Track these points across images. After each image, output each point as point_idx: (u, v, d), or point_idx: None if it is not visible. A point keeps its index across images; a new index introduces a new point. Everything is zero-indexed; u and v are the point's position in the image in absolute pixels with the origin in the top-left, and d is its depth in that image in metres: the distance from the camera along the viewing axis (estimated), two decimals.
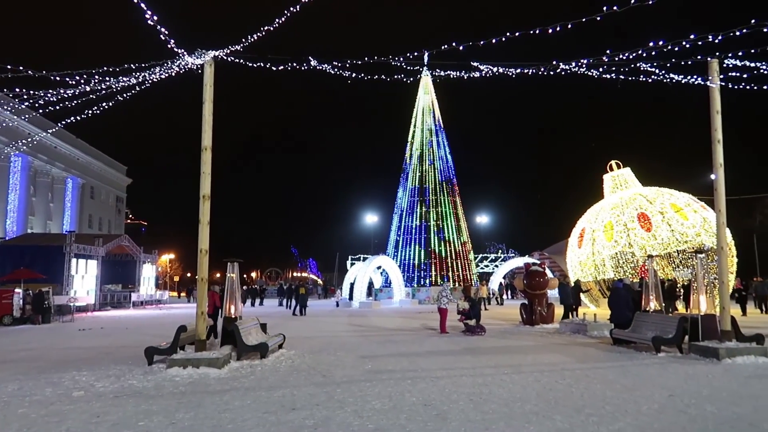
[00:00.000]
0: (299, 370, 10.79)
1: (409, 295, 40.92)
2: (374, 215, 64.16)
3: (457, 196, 47.07)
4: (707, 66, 12.43)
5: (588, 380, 9.58)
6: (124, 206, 77.07)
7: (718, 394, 8.43)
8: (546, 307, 20.31)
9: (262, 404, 7.96)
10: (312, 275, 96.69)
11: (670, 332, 12.72)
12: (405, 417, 7.18)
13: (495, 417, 7.13)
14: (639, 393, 8.50)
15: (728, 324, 12.16)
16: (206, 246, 11.67)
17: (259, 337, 13.02)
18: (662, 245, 28.02)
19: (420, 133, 47.13)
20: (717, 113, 12.60)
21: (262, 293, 42.29)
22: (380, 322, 22.84)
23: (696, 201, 29.00)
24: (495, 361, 11.78)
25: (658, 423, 6.80)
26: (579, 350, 13.58)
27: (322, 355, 12.79)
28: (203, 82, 11.88)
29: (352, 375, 10.25)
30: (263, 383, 9.53)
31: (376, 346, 14.68)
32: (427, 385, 9.16)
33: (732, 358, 11.30)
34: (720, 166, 12.59)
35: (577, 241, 32.22)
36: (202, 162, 11.80)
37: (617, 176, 32.20)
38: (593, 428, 6.61)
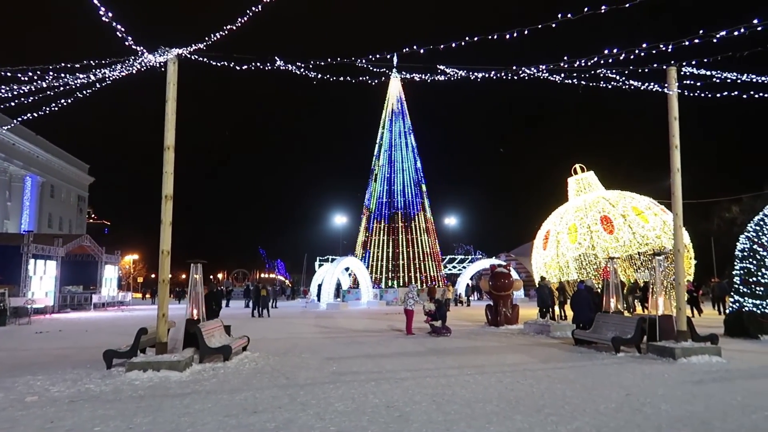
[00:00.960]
0: (263, 373, 10.69)
1: (376, 296, 40.94)
2: (343, 216, 64.11)
3: (425, 197, 47.31)
4: (666, 73, 12.79)
5: (549, 380, 9.74)
6: (86, 205, 75.19)
7: (672, 392, 8.66)
8: (511, 308, 20.56)
9: (224, 407, 7.86)
10: (280, 276, 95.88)
11: (629, 333, 13.03)
12: (367, 419, 7.18)
13: (457, 418, 7.18)
14: (597, 392, 8.68)
15: (684, 324, 12.51)
16: (168, 247, 11.47)
17: (222, 339, 12.85)
18: (624, 247, 28.67)
19: (389, 134, 47.24)
20: (675, 119, 12.96)
21: (228, 295, 41.46)
22: (347, 324, 22.80)
23: (656, 204, 29.76)
24: (459, 362, 11.87)
25: (614, 422, 6.95)
26: (542, 351, 13.79)
27: (287, 357, 12.70)
28: (166, 81, 11.68)
29: (316, 377, 10.20)
30: (225, 386, 9.40)
31: (341, 347, 14.65)
32: (390, 387, 9.18)
33: (687, 358, 11.63)
34: (677, 171, 12.94)
35: (542, 243, 32.72)
36: (165, 161, 11.59)
37: (581, 179, 32.83)
38: (552, 428, 6.72)
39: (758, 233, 16.77)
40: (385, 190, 46.20)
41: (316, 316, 28.01)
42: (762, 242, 16.59)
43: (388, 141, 47.11)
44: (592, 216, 29.86)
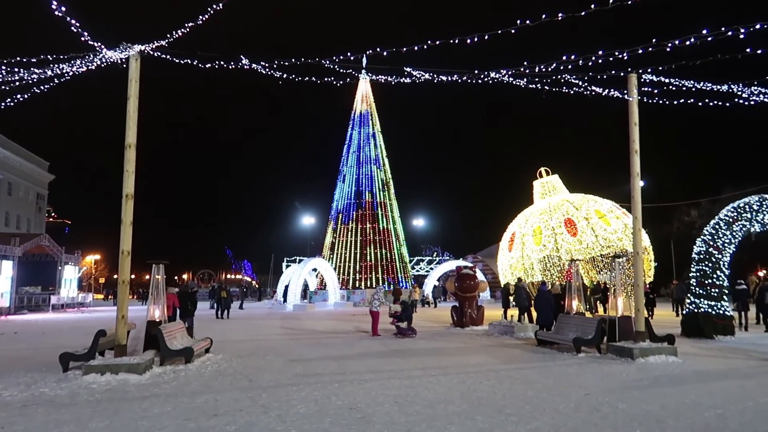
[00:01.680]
0: (225, 375, 10.56)
1: (344, 297, 40.86)
2: (311, 217, 63.79)
3: (393, 198, 47.42)
4: (626, 80, 13.10)
5: (511, 381, 9.86)
6: (46, 204, 73.06)
7: (629, 392, 8.87)
8: (476, 309, 20.75)
9: (183, 411, 7.72)
10: (247, 277, 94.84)
11: (589, 333, 13.29)
12: (329, 421, 7.15)
13: (418, 419, 7.21)
14: (558, 392, 8.82)
15: (642, 325, 12.82)
16: (129, 247, 11.23)
17: (184, 341, 12.64)
18: (587, 249, 29.28)
19: (357, 135, 47.21)
20: (635, 125, 13.28)
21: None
22: (313, 325, 22.68)
23: (618, 208, 30.48)
24: (423, 363, 11.92)
25: (572, 421, 7.08)
26: (505, 351, 13.95)
27: (251, 359, 12.56)
28: (128, 77, 11.45)
29: (279, 379, 10.11)
30: (186, 389, 9.25)
31: (306, 349, 14.56)
32: (354, 388, 9.17)
33: (645, 358, 11.91)
34: (637, 175, 13.26)
35: (507, 245, 33.17)
36: (126, 160, 11.36)
37: (546, 183, 33.40)
38: (512, 428, 6.81)
39: (713, 237, 17.30)
40: (353, 191, 46.14)
41: (282, 318, 27.81)
42: (717, 245, 17.12)
43: (356, 142, 47.08)
44: (557, 219, 30.41)
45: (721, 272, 16.96)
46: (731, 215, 17.50)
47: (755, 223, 17.50)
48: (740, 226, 17.37)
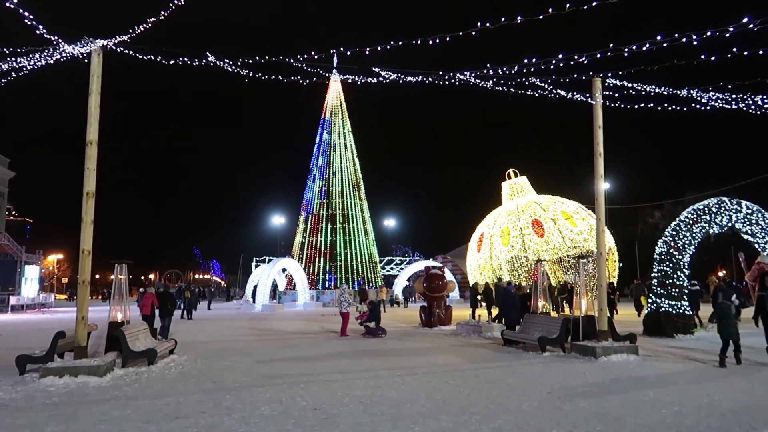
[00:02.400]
0: (189, 377, 10.40)
1: (313, 297, 40.67)
2: (281, 217, 63.31)
3: (363, 199, 47.41)
4: (591, 83, 13.34)
5: (476, 380, 9.94)
6: (6, 202, 70.89)
7: (591, 390, 9.03)
8: (444, 309, 20.88)
9: (144, 413, 7.58)
10: (215, 277, 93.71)
11: (554, 333, 13.48)
12: (293, 422, 7.10)
13: (383, 419, 7.22)
14: (521, 391, 8.93)
15: (605, 324, 13.06)
16: (89, 246, 10.98)
17: (147, 342, 12.41)
18: (554, 250, 29.73)
19: (328, 135, 47.06)
20: (599, 128, 13.53)
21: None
22: (281, 326, 22.52)
23: (584, 209, 31.01)
24: (390, 363, 11.94)
25: (534, 419, 7.17)
26: (472, 351, 14.07)
27: (216, 361, 12.40)
28: (90, 73, 11.19)
29: (245, 380, 10.01)
30: (148, 391, 9.08)
31: (273, 350, 14.44)
32: (320, 389, 9.13)
33: (607, 356, 12.14)
34: (600, 177, 13.52)
35: (476, 246, 33.46)
36: (87, 157, 11.09)
37: (514, 184, 33.79)
38: (475, 427, 6.86)
39: (674, 238, 17.74)
40: (323, 191, 45.98)
41: (250, 318, 27.55)
42: (678, 246, 17.56)
43: (326, 142, 46.93)
44: (524, 219, 30.80)
45: (682, 272, 17.40)
46: (691, 217, 17.96)
47: (714, 225, 18.00)
48: (700, 228, 17.84)
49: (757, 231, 18.53)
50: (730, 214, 18.22)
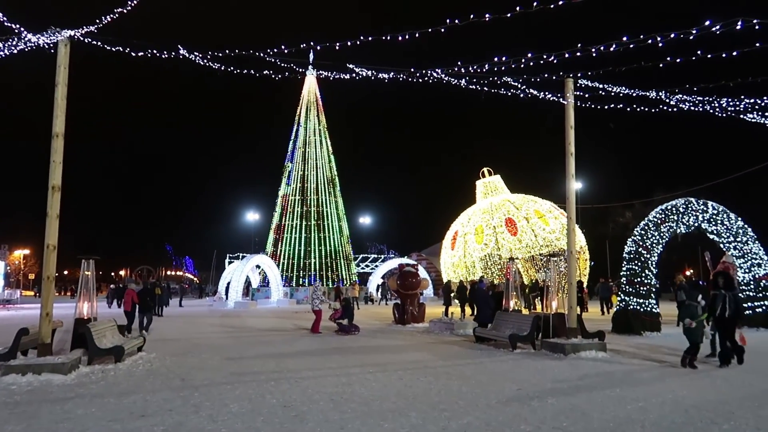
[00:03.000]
0: (156, 374, 10.24)
1: (287, 294, 40.42)
2: (255, 213, 62.75)
3: (338, 196, 47.28)
4: (563, 84, 13.49)
5: (447, 377, 9.99)
6: None
7: (560, 386, 9.15)
8: (417, 306, 20.94)
9: (109, 412, 7.44)
10: (188, 274, 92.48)
11: (525, 330, 13.62)
12: (262, 419, 7.04)
13: (353, 416, 7.20)
14: (491, 388, 9.00)
15: (575, 322, 13.25)
16: (54, 241, 10.73)
17: (115, 339, 12.19)
18: (527, 248, 30.05)
19: (303, 131, 46.80)
20: (571, 128, 13.70)
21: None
22: (254, 323, 22.34)
23: (557, 208, 31.39)
24: (362, 361, 11.93)
25: (503, 416, 7.23)
26: (444, 348, 14.14)
27: (185, 358, 12.24)
28: (57, 63, 10.92)
29: (214, 378, 9.89)
30: (114, 389, 8.92)
31: (244, 347, 14.31)
32: (290, 386, 9.07)
33: (576, 353, 12.33)
34: (572, 177, 13.69)
35: (450, 243, 33.64)
36: (53, 150, 10.84)
37: (488, 183, 34.04)
38: (444, 423, 6.89)
39: (643, 237, 18.07)
40: (298, 187, 45.73)
41: (222, 315, 27.26)
42: (646, 245, 17.89)
43: (302, 138, 46.67)
44: (498, 218, 31.05)
45: (650, 271, 17.74)
46: (659, 217, 18.33)
47: (681, 225, 18.40)
48: (667, 228, 18.22)
49: (722, 231, 19.01)
50: (696, 214, 18.65)
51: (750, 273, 18.99)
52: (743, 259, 19.08)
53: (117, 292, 36.42)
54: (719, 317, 11.09)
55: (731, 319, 11.01)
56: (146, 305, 17.25)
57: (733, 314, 11.02)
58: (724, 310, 11.01)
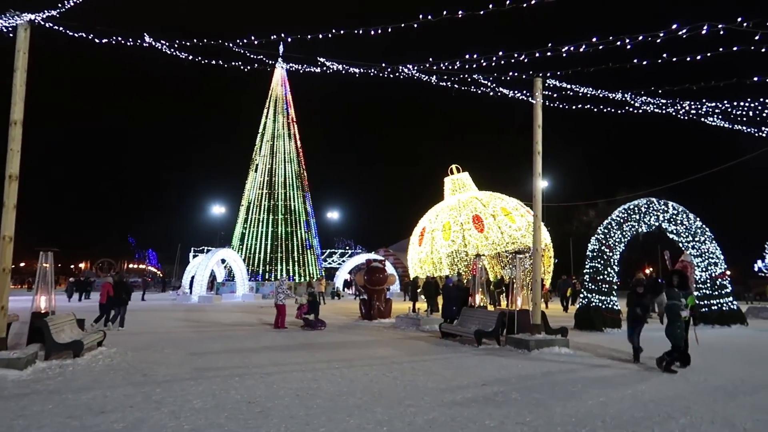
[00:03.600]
0: (117, 370, 10.01)
1: (252, 289, 40.01)
2: (221, 206, 61.91)
3: (306, 190, 46.98)
4: (532, 83, 13.65)
5: (413, 373, 10.03)
6: None
7: (524, 381, 9.28)
8: (384, 302, 20.98)
9: (67, 408, 7.23)
10: (151, 267, 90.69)
11: (490, 326, 13.79)
12: (226, 415, 6.95)
13: (318, 412, 7.17)
14: (457, 383, 9.08)
15: (539, 318, 13.46)
16: (11, 233, 10.37)
17: (74, 334, 11.86)
18: (493, 245, 30.36)
19: (272, 124, 46.32)
20: (538, 127, 13.87)
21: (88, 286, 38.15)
22: (218, 317, 22.03)
23: (523, 206, 31.81)
24: (328, 356, 11.89)
25: (468, 411, 7.30)
26: (410, 344, 14.20)
27: (147, 353, 11.99)
28: (16, 48, 10.53)
29: (177, 373, 9.72)
30: (72, 385, 8.68)
31: (208, 342, 14.10)
32: (255, 382, 8.98)
33: (540, 349, 12.53)
34: (538, 175, 13.88)
35: (418, 240, 33.77)
36: (11, 138, 10.46)
37: (456, 180, 34.27)
38: (410, 419, 6.92)
39: (606, 236, 18.46)
40: (265, 181, 45.27)
41: (186, 310, 26.81)
42: (609, 244, 18.28)
43: (270, 131, 46.18)
44: (465, 215, 31.29)
45: (612, 269, 18.14)
46: (622, 216, 18.75)
47: (643, 224, 18.87)
48: (630, 227, 18.66)
49: (681, 231, 19.56)
50: (657, 214, 19.15)
51: (707, 272, 19.60)
52: (701, 258, 19.68)
53: (78, 285, 35.52)
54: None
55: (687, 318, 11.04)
56: (120, 298, 17.12)
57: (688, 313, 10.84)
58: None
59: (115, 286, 17.10)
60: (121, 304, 17.14)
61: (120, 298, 17.08)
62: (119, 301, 17.09)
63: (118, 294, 17.03)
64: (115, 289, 17.01)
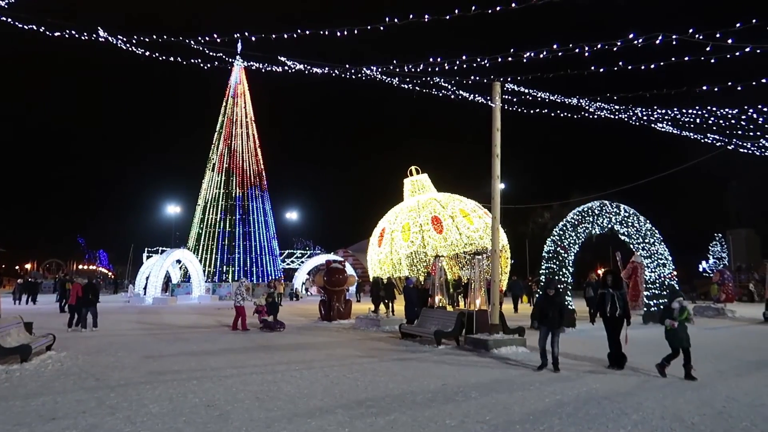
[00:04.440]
0: (68, 374, 9.68)
1: (209, 290, 39.30)
2: (176, 206, 60.55)
3: (265, 190, 46.45)
4: (491, 87, 13.87)
5: (374, 373, 10.05)
6: None
7: (483, 381, 9.41)
8: (344, 303, 20.94)
9: (14, 415, 6.96)
10: (102, 268, 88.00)
11: (449, 326, 13.93)
12: (184, 420, 6.81)
13: (279, 414, 7.10)
14: (417, 383, 9.13)
15: (497, 318, 13.67)
16: None
17: (20, 338, 11.41)
18: (451, 246, 30.67)
19: (229, 123, 45.60)
20: (497, 130, 14.09)
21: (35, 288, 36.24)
22: (174, 319, 21.55)
23: (481, 208, 32.25)
24: (288, 358, 11.79)
25: (429, 411, 7.36)
26: (370, 344, 14.21)
27: (99, 357, 11.64)
28: None
29: (131, 377, 9.47)
30: (20, 390, 8.35)
31: (163, 345, 13.78)
32: (213, 385, 8.83)
33: (498, 349, 12.72)
34: (497, 178, 14.10)
35: (377, 240, 33.82)
36: None
37: (416, 181, 34.48)
38: (371, 420, 6.93)
39: (561, 237, 18.91)
40: (222, 180, 44.53)
41: (140, 312, 26.12)
42: (564, 245, 18.73)
43: (227, 130, 45.46)
44: (424, 216, 31.52)
45: (567, 269, 18.59)
46: (576, 218, 19.24)
47: (596, 226, 19.41)
48: (583, 228, 19.16)
49: (632, 232, 20.22)
50: (610, 216, 19.73)
51: (656, 272, 20.31)
52: (650, 259, 20.38)
53: (26, 287, 33.85)
54: (609, 317, 10.71)
55: (620, 318, 10.63)
56: (87, 300, 17.35)
57: (622, 313, 10.62)
58: (614, 309, 10.62)
59: (84, 288, 17.37)
60: (89, 305, 17.34)
61: (88, 299, 17.29)
62: (86, 302, 17.29)
63: (85, 295, 17.29)
64: (83, 291, 17.30)
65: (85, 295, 17.32)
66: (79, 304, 17.33)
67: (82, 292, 17.32)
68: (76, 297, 17.35)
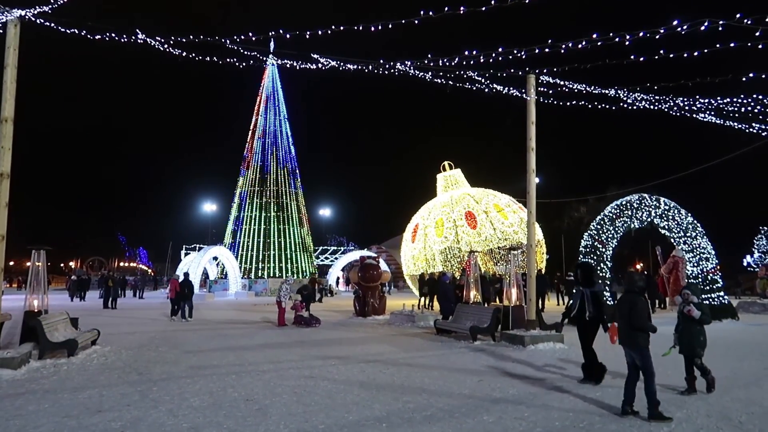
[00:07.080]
0: (112, 368, 9.96)
1: (245, 287, 39.88)
2: (213, 204, 61.64)
3: (299, 187, 46.84)
4: (525, 80, 13.67)
5: (410, 369, 10.05)
6: None
7: (520, 377, 9.31)
8: (378, 298, 20.98)
9: (63, 407, 7.19)
10: (142, 265, 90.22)
11: (485, 322, 13.82)
12: (224, 413, 6.93)
13: (316, 409, 7.16)
14: (453, 379, 9.10)
15: (533, 314, 13.51)
16: (3, 231, 10.27)
17: (67, 333, 11.80)
18: (485, 242, 30.39)
19: (263, 121, 46.10)
20: (532, 124, 13.90)
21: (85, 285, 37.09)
22: (212, 315, 21.98)
23: (515, 202, 31.86)
24: (324, 353, 11.88)
25: (465, 407, 7.32)
26: (405, 340, 14.21)
27: (142, 352, 11.94)
28: (6, 44, 10.43)
29: (173, 371, 9.69)
30: (67, 384, 8.63)
31: (203, 340, 14.06)
32: (252, 380, 8.96)
33: (535, 345, 12.57)
34: (532, 172, 13.91)
35: (410, 236, 33.75)
36: (2, 135, 10.36)
37: (449, 176, 34.26)
38: (409, 415, 6.93)
39: (598, 232, 18.56)
40: (258, 178, 45.05)
41: None
42: (601, 240, 18.38)
43: (262, 128, 45.97)
44: (458, 211, 31.31)
45: (605, 265, 18.24)
46: (614, 212, 18.86)
47: (635, 220, 18.98)
48: (622, 223, 18.76)
49: (673, 226, 19.70)
50: (649, 209, 19.26)
51: (698, 267, 19.75)
52: (692, 253, 19.82)
53: (80, 284, 34.76)
54: (579, 320, 8.96)
55: (593, 321, 8.77)
56: (184, 294, 19.72)
57: (595, 316, 8.71)
58: (583, 311, 8.78)
59: (181, 284, 19.92)
60: (185, 298, 19.70)
61: (184, 293, 19.71)
62: (184, 296, 19.69)
63: (182, 290, 19.72)
64: (181, 286, 19.80)
65: (182, 290, 19.62)
66: (177, 298, 19.60)
67: (180, 287, 19.62)
68: (174, 291, 19.74)
